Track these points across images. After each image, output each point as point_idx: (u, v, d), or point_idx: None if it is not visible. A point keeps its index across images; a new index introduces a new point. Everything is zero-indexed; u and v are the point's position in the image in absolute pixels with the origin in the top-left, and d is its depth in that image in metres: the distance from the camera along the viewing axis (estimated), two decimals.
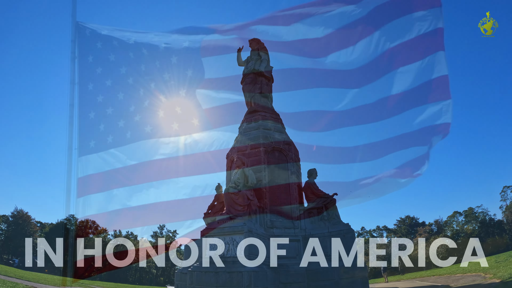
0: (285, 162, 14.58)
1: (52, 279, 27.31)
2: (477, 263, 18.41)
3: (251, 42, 17.62)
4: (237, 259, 10.06)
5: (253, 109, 16.18)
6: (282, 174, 14.28)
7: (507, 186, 59.55)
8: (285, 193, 13.95)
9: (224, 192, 12.36)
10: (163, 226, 57.44)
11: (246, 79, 16.97)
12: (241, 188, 12.34)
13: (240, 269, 9.73)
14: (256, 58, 17.24)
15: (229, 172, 15.81)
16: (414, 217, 66.35)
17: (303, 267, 12.04)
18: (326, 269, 11.89)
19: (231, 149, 15.71)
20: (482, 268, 18.09)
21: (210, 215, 15.74)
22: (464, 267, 20.34)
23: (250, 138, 14.80)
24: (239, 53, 17.62)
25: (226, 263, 10.25)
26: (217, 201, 16.07)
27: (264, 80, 16.90)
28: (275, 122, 15.95)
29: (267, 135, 14.82)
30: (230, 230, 10.77)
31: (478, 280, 15.86)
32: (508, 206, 53.46)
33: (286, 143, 14.89)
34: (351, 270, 11.75)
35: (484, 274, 17.04)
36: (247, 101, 16.88)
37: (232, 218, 11.42)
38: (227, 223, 11.14)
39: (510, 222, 47.00)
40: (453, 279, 19.48)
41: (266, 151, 14.36)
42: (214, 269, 10.16)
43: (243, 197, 11.94)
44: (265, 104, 16.61)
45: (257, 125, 15.36)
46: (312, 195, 14.04)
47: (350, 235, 12.54)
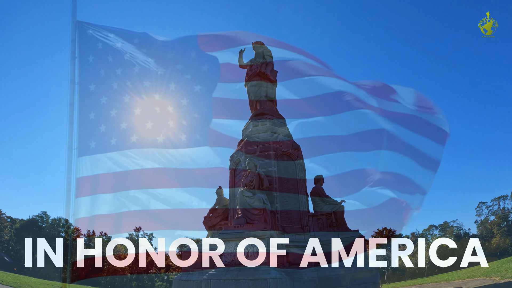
0: (293, 167, 14.46)
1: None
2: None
3: (254, 44, 17.44)
4: (260, 265, 9.63)
5: (260, 112, 15.93)
6: (291, 180, 14.12)
7: (482, 202, 64.58)
8: (294, 198, 13.78)
9: (238, 195, 11.88)
10: (139, 228, 54.06)
11: (251, 81, 16.72)
12: (255, 191, 11.94)
13: (265, 276, 9.31)
14: (262, 61, 17.07)
15: (233, 174, 15.33)
16: (391, 229, 68.94)
17: (315, 273, 11.89)
18: (338, 275, 11.83)
19: (237, 151, 15.27)
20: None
21: (212, 218, 15.10)
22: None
23: (259, 141, 14.49)
24: (241, 54, 17.40)
25: (247, 269, 9.76)
26: (218, 205, 15.47)
27: (269, 83, 16.77)
28: (282, 126, 15.84)
29: (276, 139, 14.62)
30: (250, 235, 10.30)
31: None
32: (483, 221, 58.15)
33: (295, 148, 14.81)
34: (362, 276, 11.82)
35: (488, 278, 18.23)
36: (252, 103, 16.62)
37: (249, 222, 10.98)
38: (245, 227, 10.67)
39: (485, 236, 51.17)
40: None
41: (276, 155, 14.14)
42: (234, 276, 9.62)
43: (259, 201, 11.55)
44: (271, 107, 16.46)
45: (265, 128, 15.11)
46: (320, 202, 14.02)
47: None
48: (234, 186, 15.04)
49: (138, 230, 53.95)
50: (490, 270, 23.42)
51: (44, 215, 71.79)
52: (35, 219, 69.99)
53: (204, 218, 15.42)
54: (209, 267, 12.16)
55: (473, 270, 25.77)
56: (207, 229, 15.23)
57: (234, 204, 14.69)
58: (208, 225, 15.09)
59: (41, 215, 71.37)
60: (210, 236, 15.22)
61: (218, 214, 15.17)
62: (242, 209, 11.52)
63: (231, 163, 15.58)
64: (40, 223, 70.42)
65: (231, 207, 14.75)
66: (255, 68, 16.82)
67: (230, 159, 15.69)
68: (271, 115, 15.90)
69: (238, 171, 14.99)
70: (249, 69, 17.09)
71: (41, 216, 71.33)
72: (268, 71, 16.73)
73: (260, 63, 16.88)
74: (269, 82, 16.71)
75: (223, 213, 15.21)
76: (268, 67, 16.90)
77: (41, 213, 71.88)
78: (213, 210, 15.38)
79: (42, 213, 71.84)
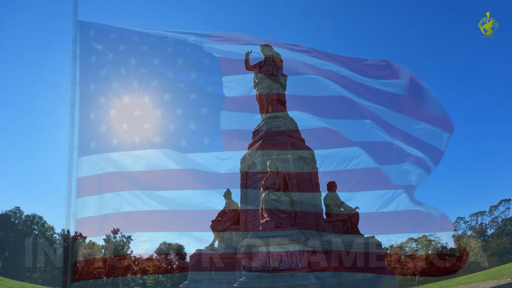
0: (309, 171, 14.34)
1: None
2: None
3: (263, 47, 17.34)
4: (295, 271, 9.24)
5: (274, 115, 15.71)
6: (307, 183, 13.99)
7: (460, 217, 69.20)
8: (311, 203, 13.64)
9: (263, 197, 11.39)
10: (117, 230, 49.58)
11: (262, 83, 16.48)
12: (280, 194, 11.57)
13: (304, 282, 8.95)
14: (273, 65, 16.92)
15: (244, 176, 14.80)
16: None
17: (335, 279, 11.78)
18: (357, 281, 11.85)
19: (250, 152, 14.79)
20: None
21: (221, 222, 14.39)
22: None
23: (276, 144, 14.18)
24: (247, 57, 17.13)
25: (282, 276, 9.31)
26: (228, 209, 14.79)
27: (280, 86, 16.68)
28: (296, 131, 15.77)
29: (293, 142, 14.45)
30: (284, 240, 9.88)
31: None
32: (460, 235, 62.14)
33: (310, 153, 14.74)
34: (380, 281, 11.95)
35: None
36: (263, 105, 16.36)
37: (278, 226, 10.55)
38: (275, 231, 10.21)
39: (462, 250, 54.73)
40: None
41: (293, 158, 13.94)
42: (270, 283, 9.09)
43: (286, 204, 11.19)
44: (282, 110, 16.32)
45: (281, 131, 14.89)
46: (335, 207, 14.03)
47: (377, 247, 12.80)
48: (246, 189, 14.52)
49: (116, 232, 49.93)
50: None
51: (17, 210, 65.35)
52: (8, 214, 62.86)
53: (212, 222, 14.63)
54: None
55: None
56: (215, 234, 14.43)
57: (246, 208, 14.16)
58: (217, 229, 14.33)
59: (14, 210, 64.84)
60: (219, 240, 14.46)
61: (228, 218, 14.49)
62: (269, 212, 11.05)
63: (242, 165, 15.04)
64: (13, 218, 63.18)
65: (243, 211, 14.18)
66: (265, 70, 16.64)
67: (242, 160, 15.15)
68: (284, 119, 15.76)
69: (252, 174, 14.51)
70: (258, 71, 16.85)
71: (14, 211, 64.76)
72: (279, 74, 16.65)
73: (272, 66, 16.75)
74: (280, 85, 16.63)
75: (233, 217, 14.56)
76: (279, 70, 16.82)
77: (14, 208, 65.49)
78: (222, 213, 14.66)
79: (15, 208, 65.46)
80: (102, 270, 44.01)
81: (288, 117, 16.11)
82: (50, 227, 65.56)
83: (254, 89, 16.84)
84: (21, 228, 62.47)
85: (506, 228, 63.68)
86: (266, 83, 16.38)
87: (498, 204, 66.85)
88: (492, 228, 64.59)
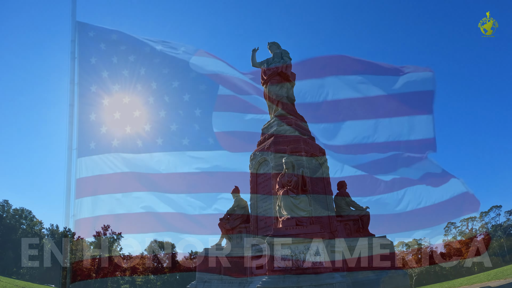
0: (321, 169, 14.20)
1: None
2: None
3: (270, 45, 17.31)
4: (321, 269, 9.00)
5: (285, 113, 15.52)
6: (319, 182, 13.82)
7: (451, 222, 69.43)
8: (323, 202, 13.46)
9: (282, 196, 11.13)
10: (107, 227, 48.20)
11: (271, 79, 16.30)
12: (299, 193, 11.33)
13: (330, 281, 8.71)
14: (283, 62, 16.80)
15: (254, 176, 14.51)
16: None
17: (349, 279, 11.60)
18: (370, 280, 11.71)
19: (260, 151, 14.52)
20: None
21: (230, 221, 14.06)
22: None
23: (289, 140, 13.97)
24: (254, 53, 17.09)
25: (307, 275, 9.05)
26: (237, 207, 14.47)
27: (289, 84, 16.55)
28: (306, 126, 15.66)
29: (306, 141, 14.27)
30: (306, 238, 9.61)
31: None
32: (450, 240, 62.40)
33: (321, 152, 14.60)
34: (394, 280, 11.82)
35: None
36: (272, 103, 16.17)
37: (299, 224, 10.31)
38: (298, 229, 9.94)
39: (452, 255, 55.25)
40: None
41: (306, 157, 13.74)
42: (295, 283, 8.82)
43: (305, 203, 10.98)
44: (292, 108, 16.19)
45: (293, 129, 14.68)
46: (346, 206, 13.90)
47: (389, 246, 12.70)
48: (256, 188, 14.23)
49: (105, 229, 48.60)
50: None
51: (5, 204, 62.64)
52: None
53: (220, 220, 14.27)
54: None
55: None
56: (224, 232, 14.08)
57: (257, 207, 13.88)
58: (225, 228, 13.97)
59: (2, 204, 62.20)
60: (227, 239, 14.11)
61: (237, 217, 14.16)
62: (289, 210, 10.79)
63: (252, 163, 14.75)
64: (1, 212, 61.14)
65: (253, 210, 13.89)
66: (275, 68, 16.48)
67: (251, 158, 14.87)
68: (294, 116, 15.59)
69: (262, 171, 14.24)
70: (266, 68, 16.69)
71: (3, 204, 62.14)
72: (289, 72, 16.51)
73: (282, 63, 16.61)
74: (289, 83, 16.50)
75: (242, 216, 14.25)
76: (288, 68, 16.68)
77: (2, 201, 62.80)
78: (231, 212, 14.32)
79: (3, 202, 62.72)
80: (92, 267, 42.95)
81: (298, 115, 15.95)
82: (39, 222, 63.80)
83: (262, 86, 16.70)
84: (8, 222, 60.07)
85: (496, 234, 64.84)
86: (275, 80, 16.21)
87: (489, 210, 68.46)
88: (482, 234, 65.63)
